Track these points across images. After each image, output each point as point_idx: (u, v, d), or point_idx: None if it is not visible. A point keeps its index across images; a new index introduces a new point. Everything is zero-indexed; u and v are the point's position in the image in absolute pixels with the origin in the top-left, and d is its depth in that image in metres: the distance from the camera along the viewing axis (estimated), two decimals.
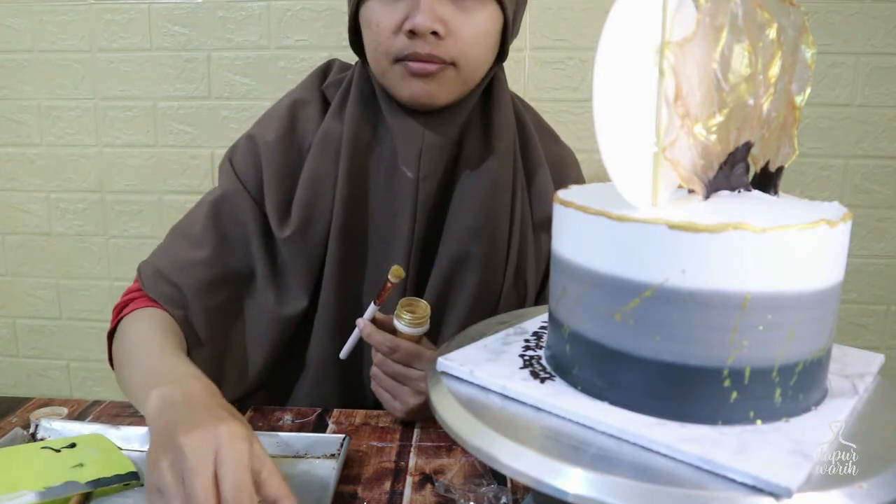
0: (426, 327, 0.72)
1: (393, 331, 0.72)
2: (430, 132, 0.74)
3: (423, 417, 0.73)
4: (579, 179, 0.88)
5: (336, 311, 0.79)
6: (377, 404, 0.77)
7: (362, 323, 0.72)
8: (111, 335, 0.75)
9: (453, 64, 0.70)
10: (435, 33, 0.67)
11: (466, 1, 0.68)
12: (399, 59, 0.70)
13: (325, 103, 0.81)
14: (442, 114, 0.75)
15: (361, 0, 0.71)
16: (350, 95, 0.77)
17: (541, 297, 0.85)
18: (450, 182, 0.78)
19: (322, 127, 0.77)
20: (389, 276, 0.72)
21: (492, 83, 0.78)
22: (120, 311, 0.75)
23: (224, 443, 0.47)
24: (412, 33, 0.67)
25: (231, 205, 0.77)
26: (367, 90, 0.77)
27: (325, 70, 0.85)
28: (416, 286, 0.80)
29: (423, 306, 0.71)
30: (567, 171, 0.86)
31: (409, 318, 0.70)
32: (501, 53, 0.76)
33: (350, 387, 0.82)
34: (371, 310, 0.73)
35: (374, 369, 0.73)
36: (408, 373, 0.71)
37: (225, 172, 0.80)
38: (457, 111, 0.75)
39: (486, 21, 0.69)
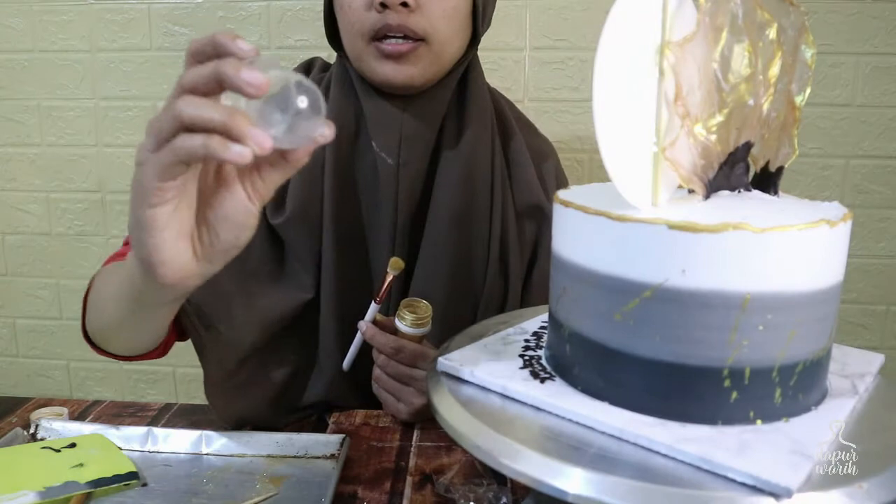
0: (428, 328, 0.71)
1: (394, 332, 0.72)
2: (410, 117, 0.75)
3: (426, 418, 0.73)
4: (559, 170, 0.89)
5: (338, 301, 0.77)
6: (380, 406, 0.77)
7: (364, 325, 0.72)
8: (87, 299, 0.70)
9: (424, 40, 0.71)
10: (405, 4, 0.68)
11: None
12: (373, 39, 0.71)
13: None
14: (420, 99, 0.76)
15: None
16: (331, 89, 0.78)
17: (527, 286, 0.85)
18: (432, 170, 0.78)
19: None
20: (388, 269, 0.71)
21: (467, 70, 0.79)
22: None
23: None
24: (383, 6, 0.68)
25: None
26: (346, 81, 0.78)
27: (307, 67, 0.85)
28: (404, 275, 0.79)
29: (425, 307, 0.71)
30: (547, 161, 0.87)
31: (412, 319, 0.70)
32: (474, 39, 0.77)
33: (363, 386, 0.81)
34: (372, 310, 0.73)
35: (376, 372, 0.73)
36: (412, 373, 0.71)
37: None
38: (434, 96, 0.76)
39: None
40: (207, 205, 0.44)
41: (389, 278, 0.72)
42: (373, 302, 0.73)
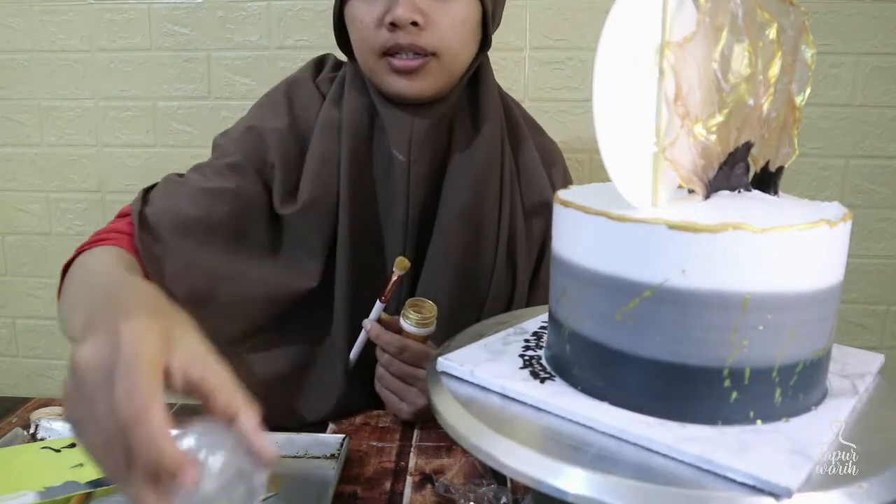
0: (433, 328, 0.71)
1: (399, 331, 0.72)
2: (419, 119, 0.76)
3: (428, 418, 0.73)
4: (566, 171, 0.90)
5: (351, 294, 0.78)
6: (380, 406, 0.77)
7: (369, 324, 0.72)
8: (66, 269, 0.70)
9: (434, 54, 0.72)
10: (415, 24, 0.69)
11: None
12: (384, 54, 0.72)
13: (321, 94, 0.82)
14: (429, 103, 0.77)
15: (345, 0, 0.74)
16: (345, 88, 0.79)
17: (534, 284, 0.85)
18: (442, 168, 0.80)
19: (322, 114, 0.79)
20: (395, 268, 0.72)
21: (477, 72, 0.80)
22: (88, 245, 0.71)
23: (122, 343, 0.38)
24: (393, 25, 0.69)
25: (236, 171, 0.76)
26: (359, 84, 0.79)
27: (320, 63, 0.86)
28: (412, 271, 0.80)
29: (430, 306, 0.72)
30: (554, 162, 0.88)
31: (417, 319, 0.70)
32: (484, 42, 0.78)
33: (358, 392, 0.81)
34: (377, 309, 0.73)
35: (379, 371, 0.73)
36: (416, 373, 0.71)
37: (221, 147, 0.79)
38: (443, 99, 0.77)
39: (463, 9, 0.72)
40: None
41: (395, 277, 0.73)
42: (378, 300, 0.73)
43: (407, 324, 0.71)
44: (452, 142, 0.79)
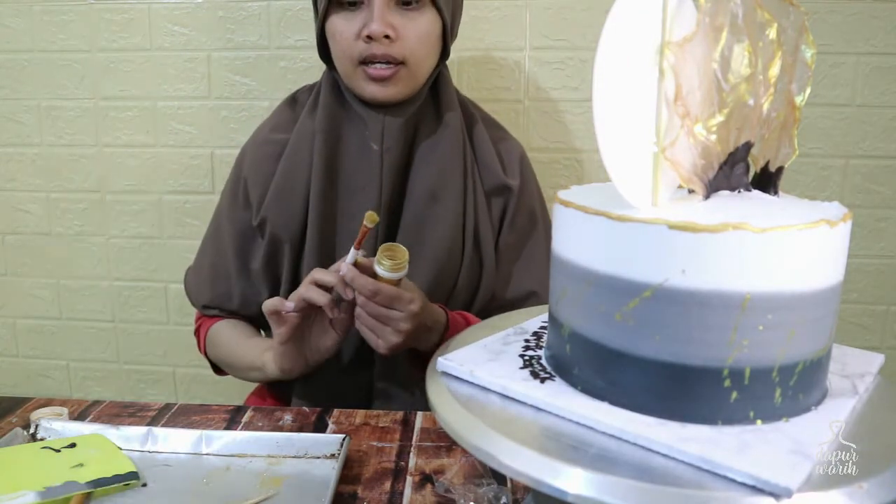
0: (405, 271, 0.77)
1: (373, 275, 0.76)
2: (390, 117, 0.88)
3: (403, 352, 0.81)
4: (524, 160, 0.98)
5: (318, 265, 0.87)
6: (380, 406, 0.79)
7: (345, 267, 0.76)
8: (199, 335, 0.98)
9: (403, 62, 0.83)
10: (387, 37, 0.81)
11: (410, 11, 0.83)
12: (361, 63, 0.83)
13: (295, 113, 0.94)
14: (398, 105, 0.88)
15: (326, 15, 0.85)
16: (321, 94, 0.91)
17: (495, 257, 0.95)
18: (409, 158, 0.91)
19: (297, 126, 0.91)
20: (365, 222, 0.76)
21: (438, 79, 0.92)
22: (198, 329, 0.99)
23: None
24: (369, 38, 0.81)
25: (232, 220, 0.94)
26: (335, 89, 0.91)
27: (295, 94, 0.99)
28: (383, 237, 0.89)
29: (402, 251, 0.77)
30: (508, 142, 0.98)
31: (389, 264, 0.75)
32: (444, 54, 0.90)
33: (355, 387, 0.89)
34: (352, 254, 0.78)
35: (357, 309, 0.79)
36: (389, 314, 0.76)
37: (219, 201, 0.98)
38: (410, 102, 0.89)
39: (427, 24, 0.84)
40: (314, 340, 0.80)
41: (363, 229, 0.77)
42: (353, 247, 0.78)
43: (380, 269, 0.76)
44: (418, 135, 0.90)
